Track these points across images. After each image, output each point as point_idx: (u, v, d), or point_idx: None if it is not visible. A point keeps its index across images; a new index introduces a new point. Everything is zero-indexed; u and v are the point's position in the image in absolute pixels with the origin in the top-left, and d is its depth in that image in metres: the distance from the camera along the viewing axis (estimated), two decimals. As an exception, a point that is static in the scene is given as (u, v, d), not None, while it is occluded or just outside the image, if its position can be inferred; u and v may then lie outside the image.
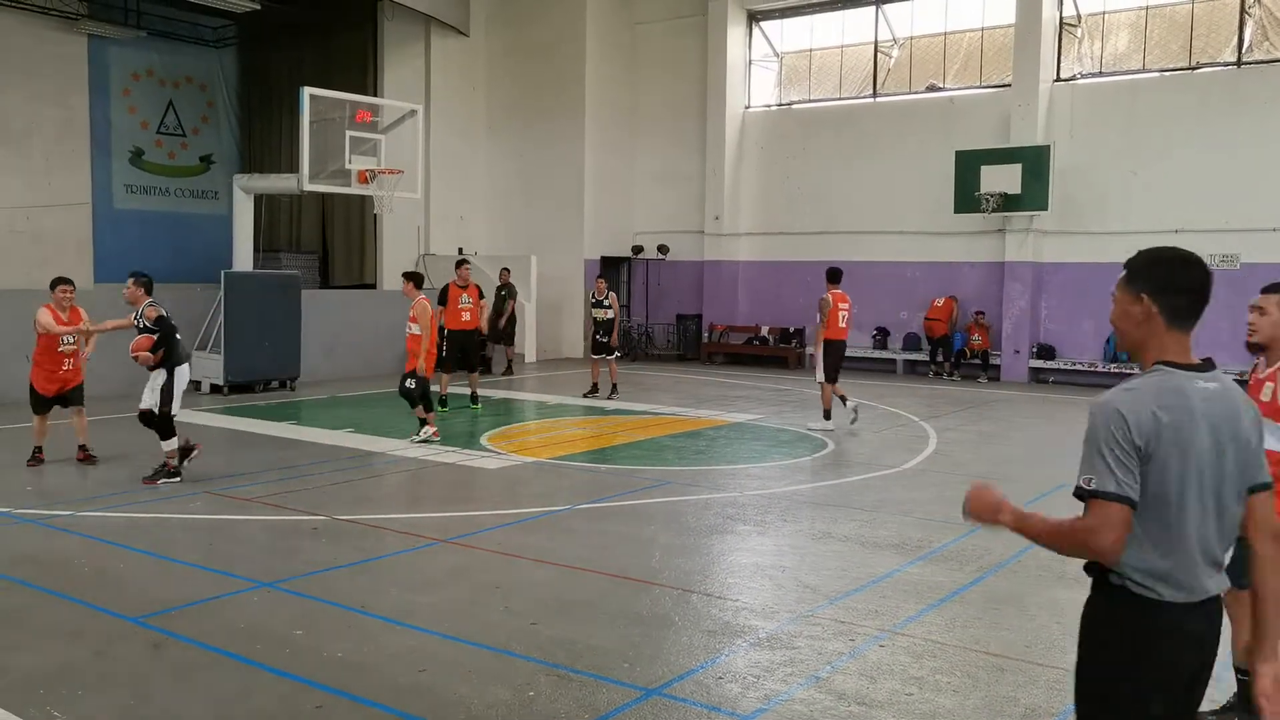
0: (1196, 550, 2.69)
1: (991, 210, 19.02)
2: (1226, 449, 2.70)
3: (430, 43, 23.01)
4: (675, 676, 5.05)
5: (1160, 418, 2.64)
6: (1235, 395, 2.77)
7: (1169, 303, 2.82)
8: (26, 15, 20.84)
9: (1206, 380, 2.74)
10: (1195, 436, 2.66)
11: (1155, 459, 2.64)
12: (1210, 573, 2.72)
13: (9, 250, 20.54)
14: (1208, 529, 2.70)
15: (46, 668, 5.07)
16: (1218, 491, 2.70)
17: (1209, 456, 2.68)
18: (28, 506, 8.36)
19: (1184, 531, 2.67)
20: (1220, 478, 2.70)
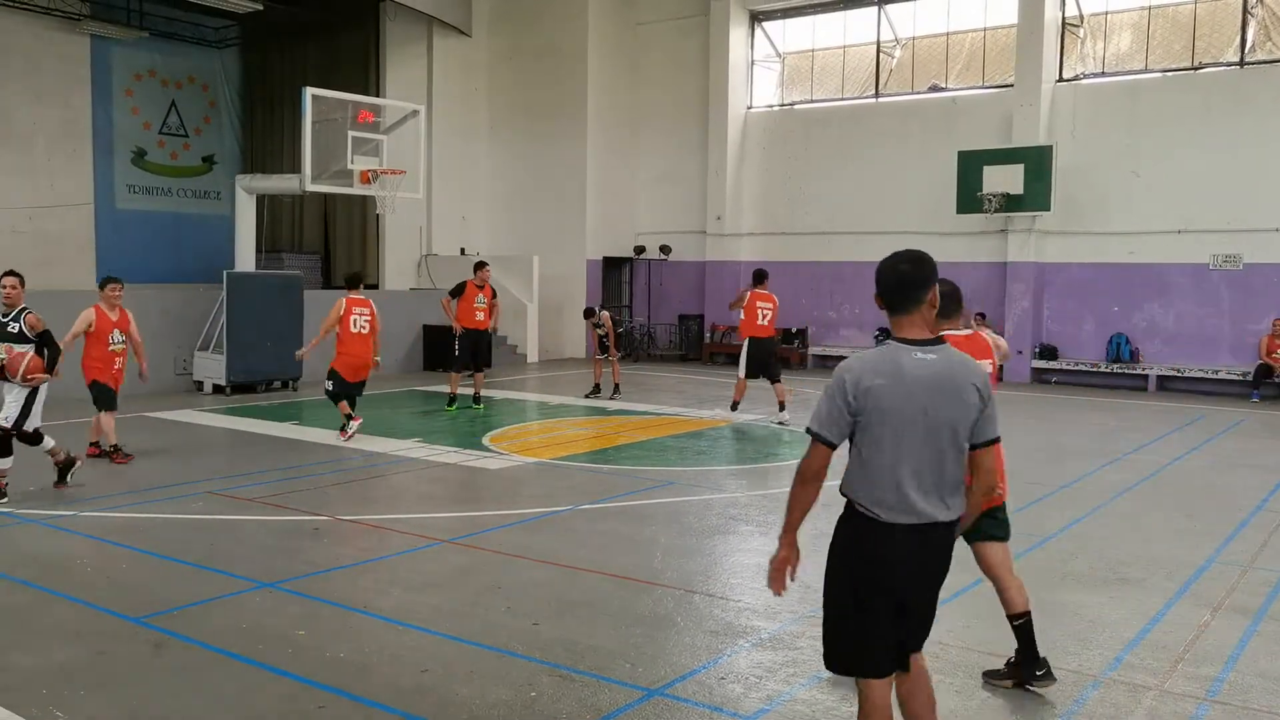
0: (907, 484, 3.44)
1: (994, 210, 19.00)
2: (936, 406, 3.43)
3: (432, 43, 23.03)
4: (677, 677, 5.05)
5: (873, 381, 3.43)
6: (954, 366, 3.50)
7: (884, 297, 3.62)
8: (29, 15, 20.86)
9: (925, 353, 3.48)
10: (903, 396, 3.41)
11: (866, 412, 3.43)
12: (924, 503, 3.45)
13: (11, 251, 20.52)
14: (919, 467, 3.43)
15: (48, 667, 5.07)
16: (926, 439, 3.43)
17: (915, 412, 3.41)
18: (29, 506, 8.36)
19: (895, 469, 3.44)
20: (929, 428, 3.43)
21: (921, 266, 3.67)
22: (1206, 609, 6.17)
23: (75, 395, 11.06)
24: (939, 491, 3.50)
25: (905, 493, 3.46)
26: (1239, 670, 5.22)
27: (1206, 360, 18.13)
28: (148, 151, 23.97)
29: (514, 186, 24.00)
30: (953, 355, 3.57)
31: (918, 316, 3.58)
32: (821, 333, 22.24)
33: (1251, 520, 8.50)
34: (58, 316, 14.91)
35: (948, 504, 3.52)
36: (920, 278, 3.64)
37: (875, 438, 3.45)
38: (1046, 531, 7.97)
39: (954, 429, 3.49)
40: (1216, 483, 10.16)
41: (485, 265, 15.02)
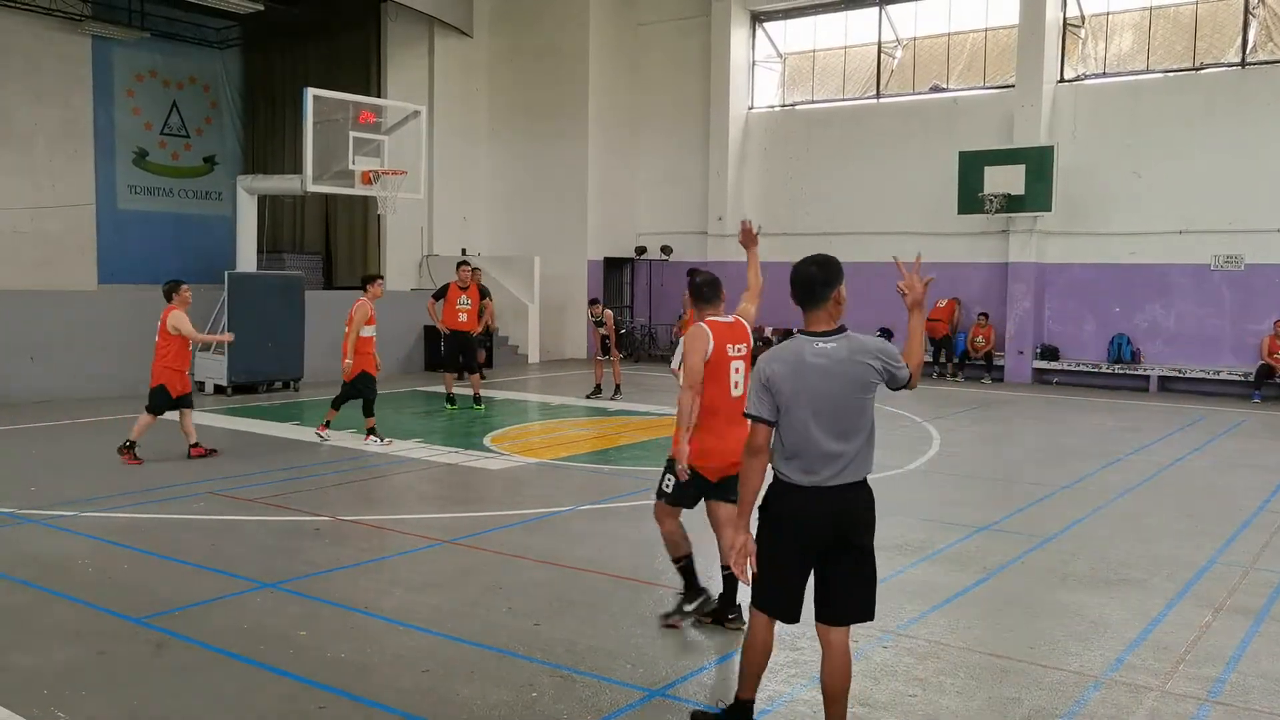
0: (813, 453, 4.01)
1: (995, 211, 18.99)
2: (832, 387, 4.00)
3: (433, 43, 23.03)
4: (678, 677, 5.05)
5: (778, 369, 4.02)
6: (854, 349, 4.08)
7: (794, 295, 4.13)
8: (30, 16, 20.87)
9: (826, 342, 4.06)
10: (806, 380, 4.00)
11: (778, 394, 4.01)
12: (828, 468, 4.02)
13: (12, 251, 20.58)
14: (822, 439, 4.00)
15: (49, 668, 5.07)
16: (830, 415, 4.01)
17: (819, 393, 3.99)
18: (31, 507, 8.36)
19: (806, 442, 4.01)
20: (829, 406, 4.00)
21: (827, 269, 4.15)
22: (1208, 610, 6.17)
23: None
24: (842, 459, 4.04)
25: (812, 461, 4.02)
26: (1240, 671, 5.21)
27: (1208, 361, 18.12)
28: (149, 152, 23.98)
29: (515, 187, 24.00)
30: (854, 341, 4.11)
31: (823, 312, 4.11)
32: (822, 333, 22.21)
33: (1253, 521, 8.50)
34: (58, 316, 15.01)
35: (851, 469, 4.08)
36: (825, 278, 4.12)
37: (786, 415, 4.02)
38: (1048, 532, 7.97)
39: (852, 404, 4.06)
40: (1218, 483, 10.16)
41: (464, 264, 14.97)
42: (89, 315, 15.44)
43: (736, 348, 5.61)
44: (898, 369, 4.16)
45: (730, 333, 5.61)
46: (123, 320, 15.55)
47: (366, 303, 11.63)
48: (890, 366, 4.13)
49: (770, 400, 4.03)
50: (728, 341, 5.58)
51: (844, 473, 4.07)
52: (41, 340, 14.63)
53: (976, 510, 8.75)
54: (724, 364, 5.53)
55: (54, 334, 14.78)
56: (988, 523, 8.27)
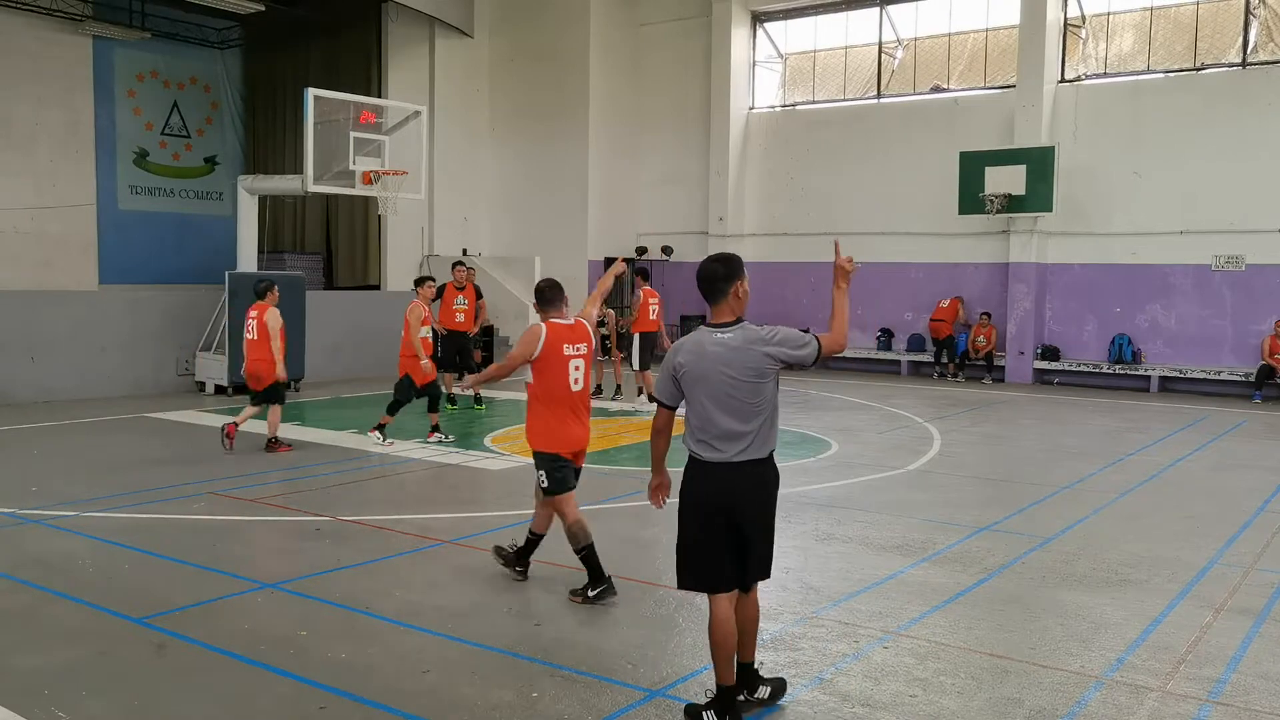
0: (715, 432, 4.45)
1: (996, 211, 19.00)
2: (731, 373, 4.40)
3: (434, 44, 23.04)
4: (679, 678, 5.05)
5: (684, 359, 4.50)
6: (749, 340, 4.46)
7: (699, 290, 4.57)
8: (31, 17, 20.87)
9: (725, 334, 4.47)
10: (706, 366, 4.43)
11: (683, 381, 4.50)
12: (731, 446, 4.43)
13: (14, 251, 20.58)
14: (722, 419, 4.43)
15: (50, 668, 5.07)
16: (728, 397, 4.41)
17: (715, 378, 4.42)
18: (32, 507, 8.36)
19: (709, 423, 4.46)
20: (726, 390, 4.41)
21: (729, 264, 4.56)
22: (1209, 610, 6.17)
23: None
24: (745, 438, 4.45)
25: (714, 439, 4.46)
26: (1241, 671, 5.21)
27: (1209, 361, 18.12)
28: (150, 152, 23.97)
29: (516, 187, 24.01)
30: (749, 331, 4.50)
31: (725, 306, 4.53)
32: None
33: (1254, 521, 8.50)
34: (59, 316, 15.02)
35: (753, 447, 4.47)
36: (726, 273, 4.53)
37: (691, 400, 4.50)
38: (1049, 532, 7.97)
39: (748, 388, 4.44)
40: (1218, 484, 10.16)
41: (459, 264, 14.99)
42: (90, 315, 15.44)
43: (575, 347, 6.24)
44: (795, 353, 4.56)
45: (569, 333, 6.24)
46: (124, 320, 15.58)
47: (420, 304, 11.87)
48: (786, 353, 4.53)
49: (674, 387, 4.55)
50: (565, 341, 6.20)
51: (748, 450, 4.46)
52: (42, 340, 14.64)
53: (977, 510, 8.75)
54: (561, 361, 6.18)
55: (55, 334, 14.78)
56: (988, 523, 8.27)
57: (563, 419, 6.20)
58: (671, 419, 4.66)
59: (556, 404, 6.20)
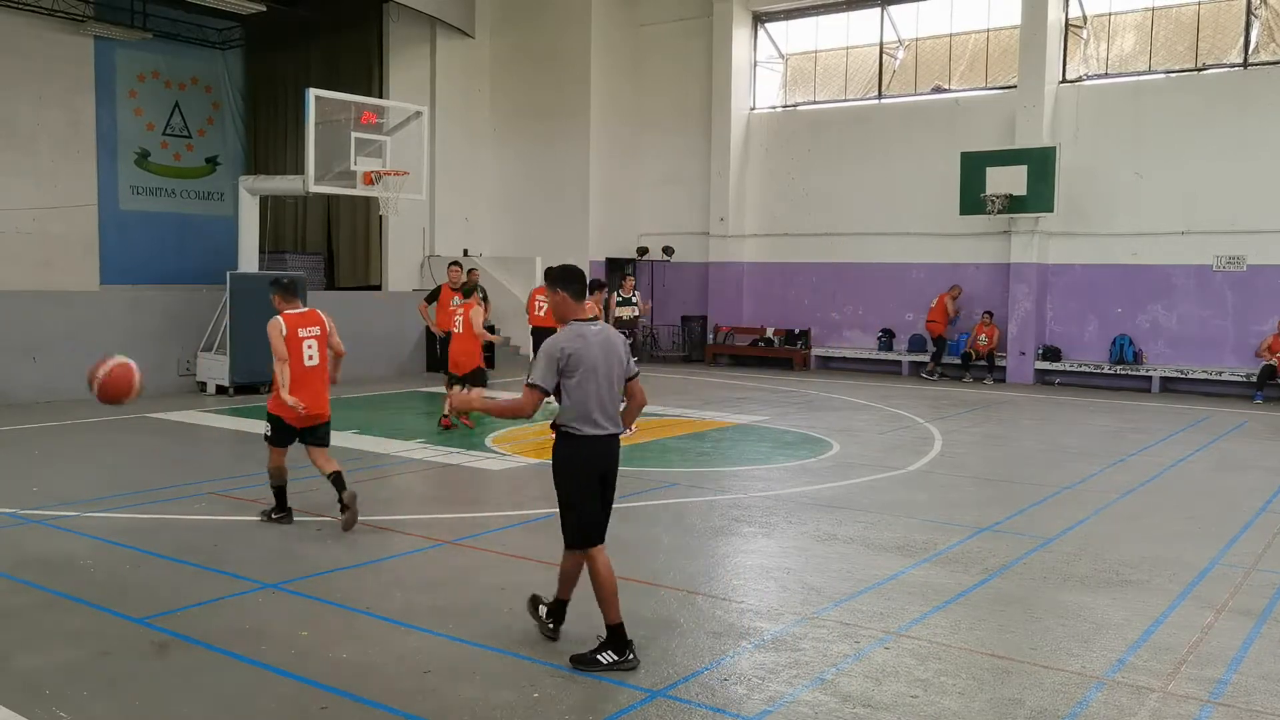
0: (598, 409, 5.18)
1: (997, 212, 19.00)
2: (608, 360, 5.19)
3: (435, 44, 23.04)
4: (680, 678, 5.05)
5: (574, 347, 5.13)
6: (610, 334, 5.31)
7: (572, 290, 5.27)
8: (32, 17, 20.89)
9: (593, 327, 5.24)
10: (591, 355, 5.14)
11: (570, 367, 5.11)
12: (606, 420, 5.21)
13: (15, 252, 20.58)
14: (604, 400, 5.18)
15: (52, 668, 5.07)
16: (608, 380, 5.19)
17: (601, 365, 5.16)
18: (33, 507, 8.37)
19: (595, 401, 5.16)
20: (608, 375, 5.19)
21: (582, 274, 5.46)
22: (1210, 610, 6.17)
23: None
24: (613, 413, 5.27)
25: (598, 415, 5.18)
26: (1243, 672, 5.21)
27: (1210, 362, 18.11)
28: (151, 153, 23.98)
29: (517, 187, 24.02)
30: (608, 328, 5.38)
31: (589, 304, 5.37)
32: (824, 334, 22.24)
33: (1255, 522, 8.49)
34: (60, 316, 15.02)
35: (617, 422, 5.30)
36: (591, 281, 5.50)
37: (580, 382, 5.13)
38: (1050, 533, 7.97)
39: (617, 372, 5.26)
40: (1220, 484, 10.15)
41: (454, 265, 14.93)
42: (91, 315, 15.44)
43: (309, 330, 7.82)
44: (629, 359, 5.38)
45: (303, 320, 7.81)
46: (125, 320, 15.58)
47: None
48: (628, 354, 5.38)
49: (555, 376, 5.12)
50: (299, 326, 7.77)
51: (616, 424, 5.28)
52: (44, 340, 14.65)
53: (978, 511, 8.75)
54: (297, 343, 7.74)
55: (56, 334, 14.79)
56: (989, 523, 8.27)
57: (296, 391, 7.70)
58: (541, 403, 5.20)
59: (292, 379, 7.69)
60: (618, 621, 5.15)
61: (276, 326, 7.68)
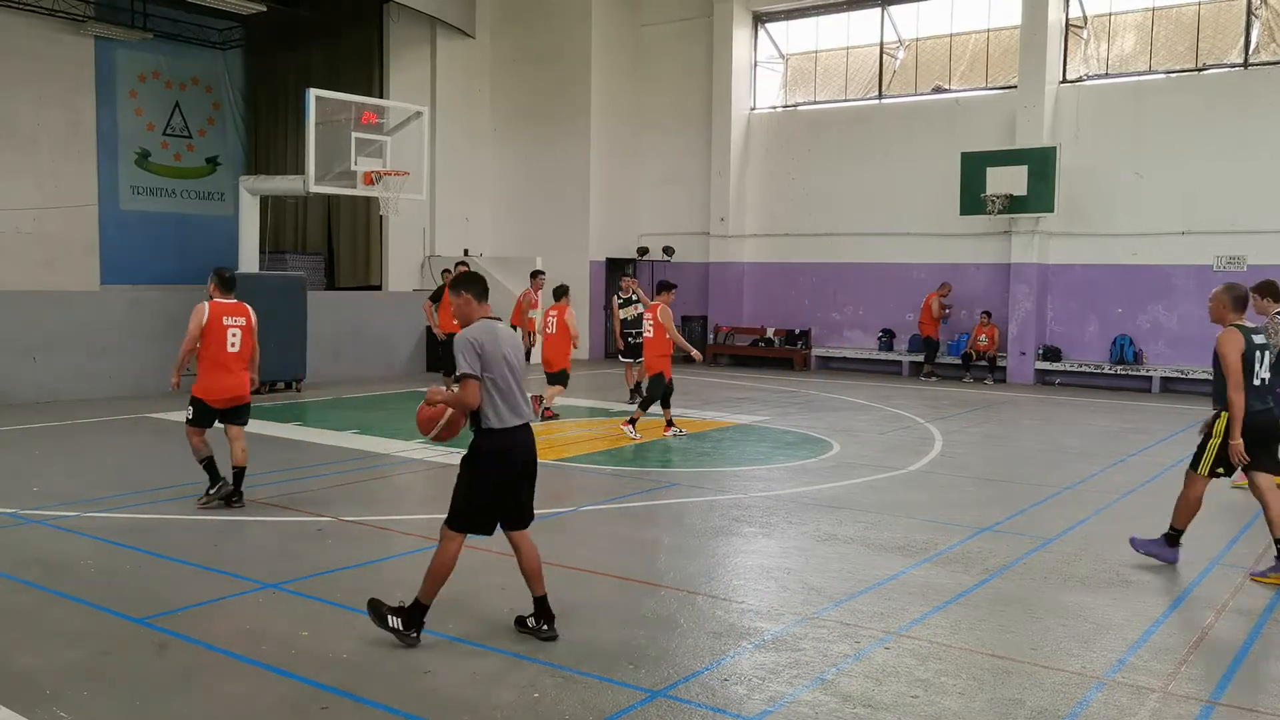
0: (519, 399, 5.42)
1: (997, 212, 19.00)
2: (514, 354, 5.44)
3: (436, 45, 23.05)
4: (680, 678, 5.05)
5: (486, 340, 5.32)
6: (516, 340, 5.54)
7: (475, 291, 5.49)
8: (33, 17, 20.90)
9: (502, 325, 5.49)
10: (500, 350, 5.35)
11: (486, 358, 5.29)
12: (525, 409, 5.49)
13: (15, 252, 20.60)
14: (515, 393, 5.41)
15: (52, 668, 5.07)
16: (519, 371, 5.46)
17: (512, 358, 5.41)
18: (33, 507, 8.37)
19: (511, 391, 5.39)
20: (515, 373, 5.41)
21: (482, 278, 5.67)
22: (1210, 611, 6.16)
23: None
24: (521, 406, 5.48)
25: (519, 405, 5.45)
26: (1243, 672, 5.21)
27: (1210, 362, 18.04)
28: (151, 153, 24.00)
29: (517, 187, 24.02)
30: (504, 324, 5.59)
31: (488, 306, 5.55)
32: (825, 334, 22.24)
33: (1255, 522, 8.49)
34: (61, 316, 15.02)
35: (525, 414, 5.53)
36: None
37: (499, 376, 5.34)
38: (1050, 533, 7.97)
39: (519, 368, 5.49)
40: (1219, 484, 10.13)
41: (462, 264, 15.00)
42: (91, 315, 15.45)
43: (234, 319, 8.35)
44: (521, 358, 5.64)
45: (230, 310, 8.37)
46: (125, 321, 15.58)
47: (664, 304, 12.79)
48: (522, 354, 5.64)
49: (480, 363, 5.29)
50: (225, 315, 8.32)
51: (526, 414, 5.53)
52: (44, 340, 14.65)
53: (979, 511, 8.74)
54: (222, 331, 8.26)
55: (56, 334, 14.79)
56: (990, 524, 8.27)
57: (222, 375, 8.27)
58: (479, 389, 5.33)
59: (218, 364, 8.26)
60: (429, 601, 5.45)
61: (198, 311, 8.30)
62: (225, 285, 8.48)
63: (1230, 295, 7.10)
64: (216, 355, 8.26)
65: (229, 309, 8.38)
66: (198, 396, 8.32)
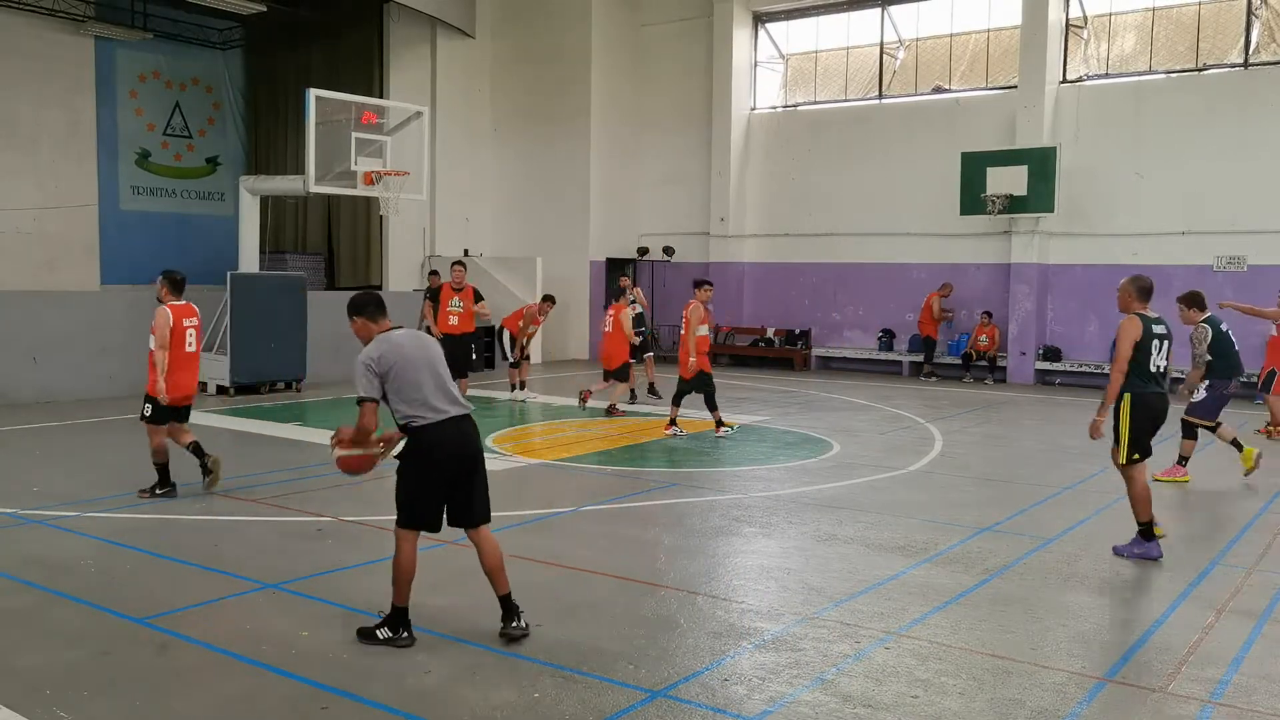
0: (432, 396, 5.39)
1: (997, 212, 18.99)
2: (423, 353, 5.47)
3: (436, 45, 23.05)
4: (680, 678, 5.05)
5: (380, 351, 5.38)
6: (425, 337, 5.68)
7: (368, 314, 5.58)
8: (33, 17, 20.91)
9: (401, 332, 5.54)
10: (403, 351, 5.39)
11: (386, 371, 5.34)
12: (445, 404, 5.42)
13: (16, 252, 20.61)
14: (435, 386, 5.43)
15: (52, 669, 5.07)
16: (429, 367, 5.44)
17: (418, 356, 5.43)
18: (33, 507, 8.37)
19: (424, 390, 5.39)
20: (429, 363, 5.45)
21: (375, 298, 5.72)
22: (1211, 611, 6.16)
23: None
24: (450, 397, 5.47)
25: (433, 401, 5.39)
26: (1243, 673, 5.21)
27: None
28: (152, 153, 24.01)
29: (518, 188, 24.02)
30: (413, 330, 5.73)
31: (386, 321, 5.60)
32: (825, 335, 22.24)
33: (1256, 522, 8.49)
34: (61, 317, 15.03)
35: (459, 404, 5.50)
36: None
37: (407, 380, 5.36)
38: (1051, 533, 7.97)
39: (438, 363, 5.51)
40: (1221, 485, 10.15)
41: (458, 264, 14.95)
42: (92, 316, 15.45)
43: (190, 320, 8.77)
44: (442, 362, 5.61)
45: (186, 311, 8.77)
46: (125, 321, 15.56)
47: (700, 304, 12.56)
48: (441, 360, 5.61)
49: (379, 382, 5.35)
50: (183, 317, 8.70)
51: (459, 407, 5.48)
52: (44, 341, 14.65)
53: (979, 511, 8.74)
54: (181, 331, 8.67)
55: (57, 334, 14.79)
56: (990, 524, 8.27)
57: (178, 374, 8.63)
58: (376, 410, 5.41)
59: (175, 364, 8.61)
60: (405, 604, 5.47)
61: (165, 316, 8.58)
62: (176, 287, 8.84)
63: (1135, 286, 7.56)
64: (178, 356, 8.63)
65: (185, 310, 8.77)
66: (154, 395, 8.59)
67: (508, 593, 5.54)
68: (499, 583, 5.54)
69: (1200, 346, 9.67)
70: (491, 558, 5.53)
